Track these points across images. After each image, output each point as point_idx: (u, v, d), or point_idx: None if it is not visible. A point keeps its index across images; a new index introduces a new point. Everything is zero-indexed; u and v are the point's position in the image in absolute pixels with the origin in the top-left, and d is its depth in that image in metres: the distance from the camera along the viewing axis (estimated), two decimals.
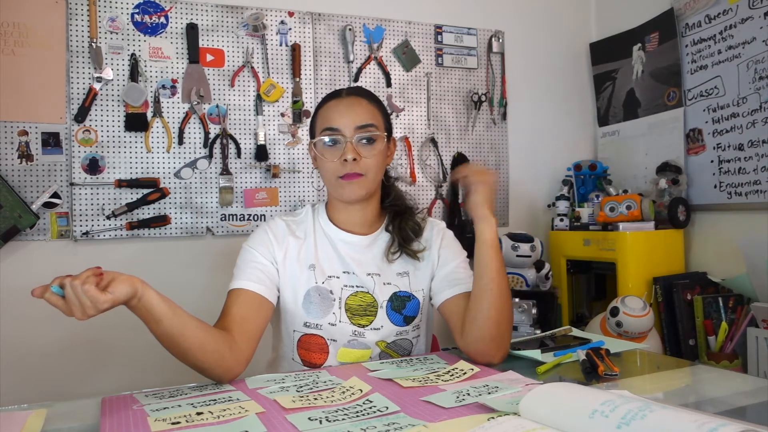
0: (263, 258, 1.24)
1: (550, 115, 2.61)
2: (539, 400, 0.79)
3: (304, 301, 1.24)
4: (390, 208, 1.33)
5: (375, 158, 1.22)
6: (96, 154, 1.92)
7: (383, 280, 1.27)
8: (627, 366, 1.19)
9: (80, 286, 0.89)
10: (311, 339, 1.25)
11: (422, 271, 1.30)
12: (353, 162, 1.19)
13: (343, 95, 1.26)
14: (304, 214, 1.33)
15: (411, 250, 1.29)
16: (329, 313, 1.24)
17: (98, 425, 0.88)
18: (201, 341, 1.04)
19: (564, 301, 2.37)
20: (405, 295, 1.28)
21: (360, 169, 1.21)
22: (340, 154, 1.21)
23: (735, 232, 2.09)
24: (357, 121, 1.22)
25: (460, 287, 1.25)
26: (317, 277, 1.25)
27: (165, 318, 1.00)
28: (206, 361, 1.06)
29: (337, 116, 1.22)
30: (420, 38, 2.37)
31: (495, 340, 1.16)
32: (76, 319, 0.91)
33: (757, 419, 0.87)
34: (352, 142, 1.20)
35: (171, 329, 1.01)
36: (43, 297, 0.90)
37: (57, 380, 1.85)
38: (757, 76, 1.99)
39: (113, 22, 1.94)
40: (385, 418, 0.85)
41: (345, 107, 1.23)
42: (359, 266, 1.27)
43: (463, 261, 1.31)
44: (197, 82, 2.03)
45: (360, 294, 1.26)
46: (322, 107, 1.27)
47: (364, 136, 1.22)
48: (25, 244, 1.84)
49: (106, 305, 0.91)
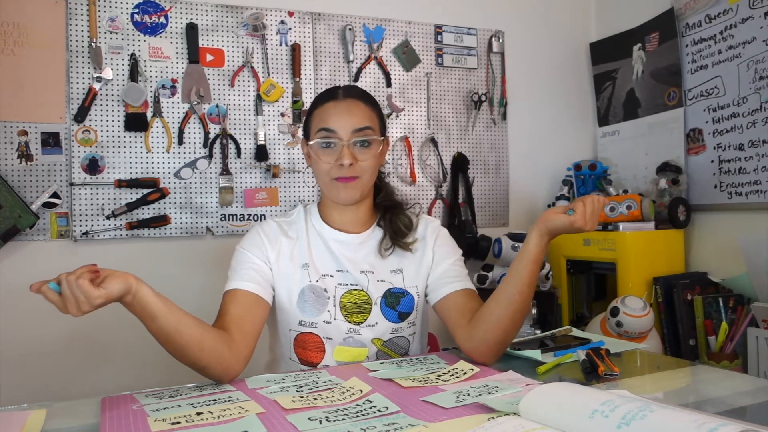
0: (256, 258, 1.24)
1: (550, 115, 2.61)
2: (539, 400, 0.79)
3: (299, 300, 1.25)
4: (381, 205, 1.33)
5: (370, 161, 1.22)
6: (96, 154, 1.92)
7: (377, 277, 1.28)
8: (627, 366, 1.19)
9: (75, 281, 0.90)
10: (307, 337, 1.26)
11: (416, 268, 1.30)
12: (349, 166, 1.19)
13: (339, 96, 1.25)
14: (296, 214, 1.34)
15: (403, 242, 1.29)
16: (324, 311, 1.25)
17: (98, 425, 0.88)
18: (198, 338, 1.04)
19: (564, 301, 2.37)
20: (399, 292, 1.28)
21: (355, 172, 1.21)
22: (336, 156, 1.20)
23: (735, 232, 2.09)
24: (354, 124, 1.21)
25: (456, 284, 1.26)
26: (311, 276, 1.26)
27: (160, 314, 1.00)
28: (204, 359, 1.06)
29: (334, 118, 1.22)
30: (420, 38, 2.37)
31: (498, 344, 1.17)
32: (72, 315, 0.91)
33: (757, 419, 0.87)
34: (348, 145, 1.20)
35: (167, 326, 1.01)
36: (40, 291, 0.90)
37: (57, 380, 1.84)
38: (757, 76, 1.99)
39: (113, 22, 1.94)
40: (385, 418, 0.85)
41: (342, 109, 1.23)
42: (352, 264, 1.27)
43: (458, 259, 1.32)
44: (197, 82, 2.03)
45: (354, 291, 1.26)
46: (319, 107, 1.26)
47: (360, 140, 1.21)
48: (25, 244, 1.84)
49: (99, 300, 0.91)
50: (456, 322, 1.23)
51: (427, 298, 1.32)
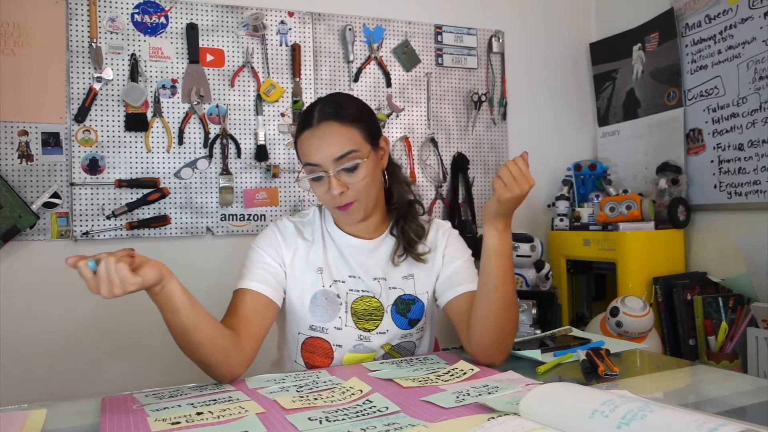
0: (271, 259, 1.23)
1: (550, 115, 2.61)
2: (539, 400, 0.79)
3: (311, 304, 1.24)
4: (394, 210, 1.32)
5: (363, 182, 1.18)
6: (96, 154, 1.92)
7: (389, 284, 1.27)
8: (627, 366, 1.19)
9: (114, 263, 0.89)
10: (316, 342, 1.25)
11: (427, 273, 1.30)
12: (341, 195, 1.17)
13: (314, 123, 1.18)
14: (312, 215, 1.32)
15: (416, 253, 1.28)
16: (335, 317, 1.24)
17: (98, 425, 0.88)
18: (212, 337, 1.05)
19: (564, 301, 2.37)
20: (410, 299, 1.28)
21: (350, 198, 1.18)
22: (327, 187, 1.17)
23: (735, 232, 2.09)
24: (334, 153, 1.15)
25: (464, 287, 1.25)
26: (324, 281, 1.25)
27: (183, 309, 1.00)
28: (213, 357, 1.06)
29: (313, 151, 1.17)
30: (420, 38, 2.37)
31: (495, 345, 1.16)
32: (101, 296, 0.90)
33: (757, 419, 0.87)
34: (334, 175, 1.16)
35: (187, 321, 1.01)
36: (76, 266, 0.89)
37: (57, 380, 1.84)
38: (757, 76, 1.99)
39: (113, 22, 1.94)
40: (385, 418, 0.85)
41: (318, 139, 1.17)
42: (365, 270, 1.27)
43: (467, 260, 1.30)
44: (197, 82, 2.03)
45: (366, 298, 1.26)
46: (299, 137, 1.22)
47: (344, 167, 1.16)
48: (25, 244, 1.84)
49: (133, 287, 0.91)
50: (460, 326, 1.23)
51: (437, 302, 1.31)
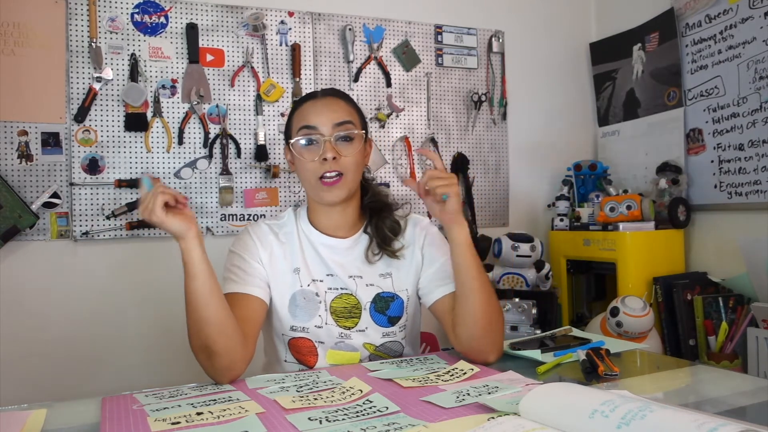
0: (251, 259, 1.24)
1: (550, 115, 2.61)
2: (539, 400, 0.79)
3: (290, 304, 1.25)
4: (369, 207, 1.32)
5: (354, 157, 1.21)
6: (96, 154, 1.92)
7: (366, 281, 1.27)
8: (627, 366, 1.19)
9: (158, 194, 1.02)
10: (299, 342, 1.25)
11: (405, 271, 1.29)
12: (333, 161, 1.18)
13: (318, 95, 1.25)
14: (287, 217, 1.33)
15: (390, 250, 1.28)
16: (315, 315, 1.24)
17: (98, 425, 0.88)
18: (222, 320, 1.07)
19: (564, 301, 2.37)
20: (388, 296, 1.28)
21: (339, 168, 1.19)
22: (319, 153, 1.19)
23: (735, 232, 2.09)
24: (334, 119, 1.20)
25: (449, 286, 1.25)
26: (302, 280, 1.25)
27: (199, 276, 1.05)
28: (219, 342, 1.06)
29: (314, 115, 1.21)
30: (420, 38, 2.37)
31: (486, 336, 1.16)
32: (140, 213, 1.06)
33: (757, 419, 0.87)
34: (330, 140, 1.19)
35: (202, 290, 1.05)
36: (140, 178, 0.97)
37: (57, 380, 1.84)
38: (757, 75, 1.99)
39: (113, 22, 1.94)
40: (385, 418, 0.85)
41: (322, 106, 1.23)
42: (341, 269, 1.27)
43: (449, 258, 1.30)
44: (197, 82, 2.03)
45: (344, 296, 1.26)
46: (298, 108, 1.26)
47: (342, 134, 1.20)
48: (25, 244, 1.84)
49: (156, 220, 1.02)
50: (448, 327, 1.23)
51: (422, 301, 1.31)
